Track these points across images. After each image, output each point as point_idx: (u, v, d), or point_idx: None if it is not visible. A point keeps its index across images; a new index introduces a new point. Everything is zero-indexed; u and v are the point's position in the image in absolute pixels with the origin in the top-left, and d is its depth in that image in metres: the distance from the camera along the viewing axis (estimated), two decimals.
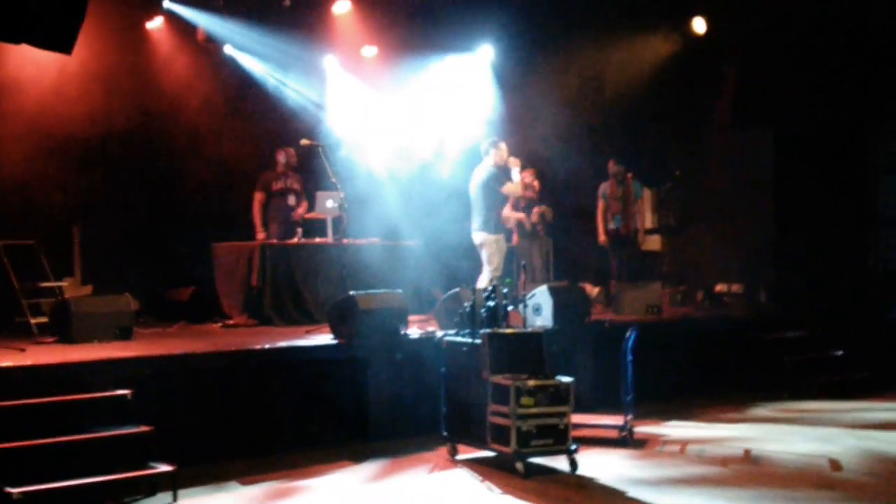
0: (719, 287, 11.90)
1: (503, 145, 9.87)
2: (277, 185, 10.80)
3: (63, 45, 6.95)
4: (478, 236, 9.89)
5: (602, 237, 12.05)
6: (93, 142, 10.49)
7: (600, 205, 12.02)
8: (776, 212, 12.10)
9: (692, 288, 12.36)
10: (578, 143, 12.90)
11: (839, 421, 8.84)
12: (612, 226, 11.95)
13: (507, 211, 11.07)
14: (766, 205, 12.14)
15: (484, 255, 9.87)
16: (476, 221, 9.87)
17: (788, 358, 10.24)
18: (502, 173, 9.86)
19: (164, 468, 6.22)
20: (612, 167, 11.95)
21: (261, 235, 10.59)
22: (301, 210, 10.82)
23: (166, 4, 11.16)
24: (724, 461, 7.24)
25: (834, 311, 11.11)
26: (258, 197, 10.75)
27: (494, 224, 9.84)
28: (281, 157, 10.82)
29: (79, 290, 9.29)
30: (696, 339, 10.26)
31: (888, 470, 7.02)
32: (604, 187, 12.00)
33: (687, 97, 12.60)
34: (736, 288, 11.83)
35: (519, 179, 10.07)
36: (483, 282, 9.61)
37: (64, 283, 9.37)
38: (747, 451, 7.55)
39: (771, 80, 11.82)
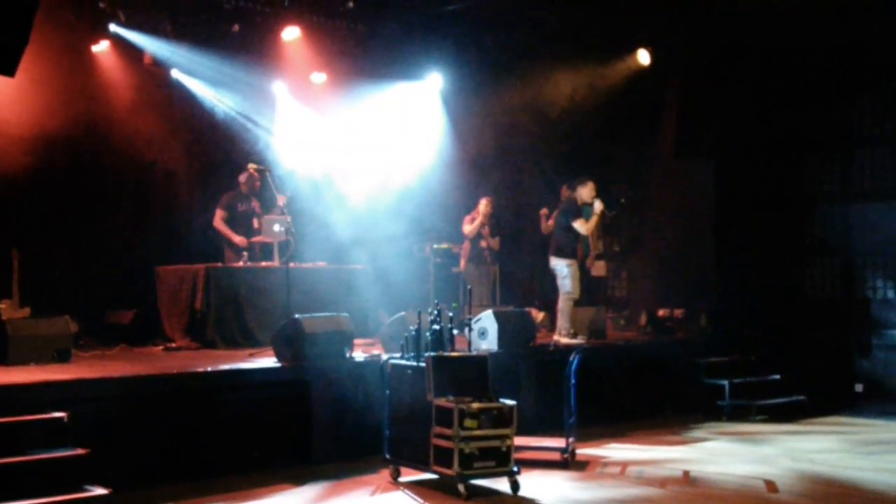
0: (662, 312, 12.07)
1: (590, 184, 10.49)
2: (242, 208, 10.72)
3: (6, 67, 6.89)
4: (552, 261, 10.56)
5: None
6: (34, 164, 10.31)
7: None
8: (716, 239, 12.36)
9: (635, 312, 12.53)
10: (525, 170, 13.03)
11: (776, 443, 9.00)
12: None
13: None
14: (707, 232, 12.40)
15: (558, 279, 10.45)
16: (552, 248, 10.59)
17: (727, 381, 10.43)
18: (579, 208, 10.48)
19: (100, 491, 6.09)
20: (565, 192, 12.06)
21: (237, 239, 10.51)
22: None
23: (113, 28, 11.01)
24: (662, 482, 7.33)
25: (771, 336, 11.39)
26: (220, 215, 10.63)
27: (567, 251, 10.43)
28: (243, 179, 10.75)
29: (16, 313, 9.10)
30: (638, 363, 10.43)
31: (823, 491, 7.15)
32: (556, 213, 12.09)
33: (632, 127, 12.83)
34: (678, 313, 12.01)
35: (594, 218, 10.53)
36: (561, 303, 10.40)
37: (1, 306, 9.18)
38: (686, 473, 7.65)
39: (712, 111, 12.10)
